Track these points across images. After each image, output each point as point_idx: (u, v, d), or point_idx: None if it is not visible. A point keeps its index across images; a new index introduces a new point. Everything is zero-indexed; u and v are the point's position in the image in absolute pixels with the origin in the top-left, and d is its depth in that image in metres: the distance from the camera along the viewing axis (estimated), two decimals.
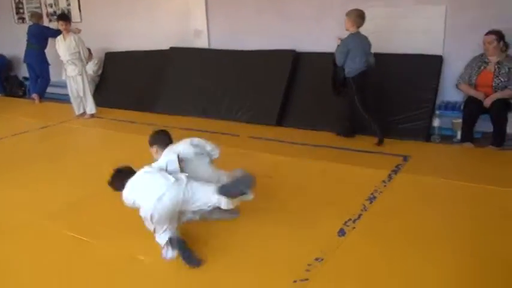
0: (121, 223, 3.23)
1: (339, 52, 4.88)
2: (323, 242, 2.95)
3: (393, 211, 3.40)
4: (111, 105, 7.35)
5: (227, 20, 6.81)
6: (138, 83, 7.42)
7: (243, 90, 6.33)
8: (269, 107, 6.02)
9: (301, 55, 6.10)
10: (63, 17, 6.76)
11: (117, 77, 7.80)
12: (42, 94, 8.25)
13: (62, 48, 6.62)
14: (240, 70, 6.45)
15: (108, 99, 7.49)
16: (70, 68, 6.65)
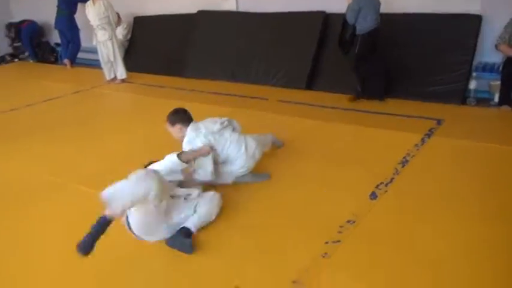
0: None
1: (351, 10, 4.80)
2: (355, 205, 2.95)
3: (426, 175, 3.35)
4: (140, 69, 7.40)
5: None
6: (167, 48, 7.41)
7: (272, 53, 6.24)
8: (299, 70, 5.93)
9: (330, 16, 5.92)
10: None
11: (145, 42, 7.81)
12: (73, 59, 8.39)
13: (92, 13, 6.66)
14: (269, 33, 6.32)
15: (137, 63, 7.53)
16: (100, 33, 6.71)
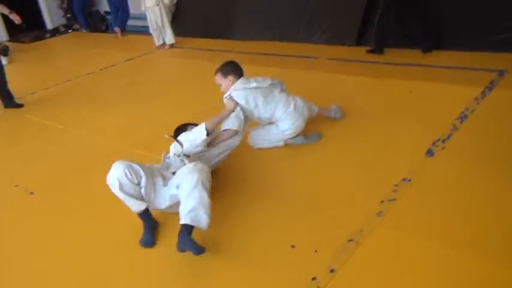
0: None
1: None
2: (411, 163, 2.88)
3: (486, 131, 3.19)
4: (187, 34, 7.44)
5: None
6: (213, 11, 7.37)
7: (320, 10, 6.04)
8: (348, 27, 5.72)
9: None
10: None
11: (192, 6, 7.78)
12: (123, 27, 8.54)
13: None
14: None
15: (184, 28, 7.56)
16: None
